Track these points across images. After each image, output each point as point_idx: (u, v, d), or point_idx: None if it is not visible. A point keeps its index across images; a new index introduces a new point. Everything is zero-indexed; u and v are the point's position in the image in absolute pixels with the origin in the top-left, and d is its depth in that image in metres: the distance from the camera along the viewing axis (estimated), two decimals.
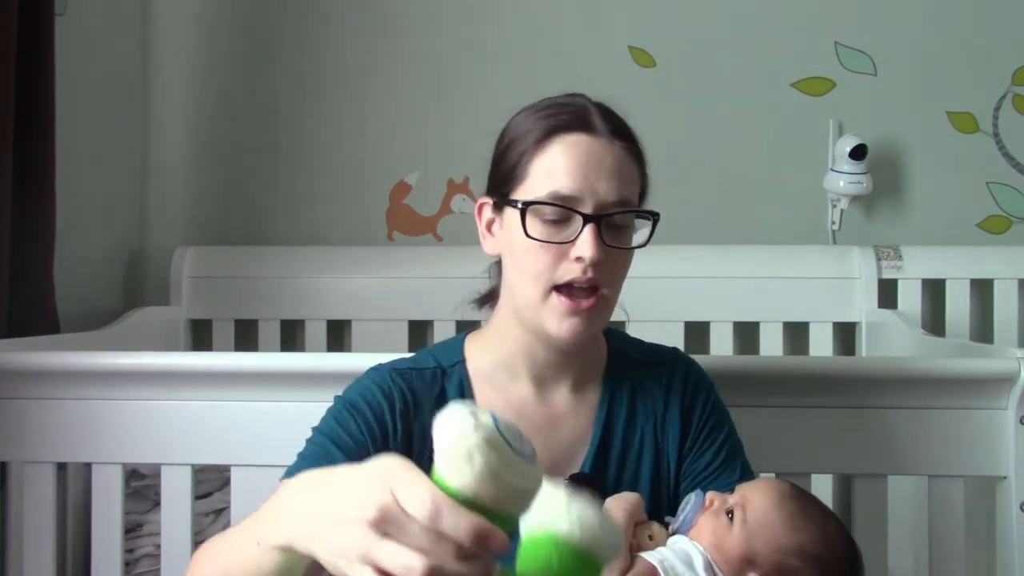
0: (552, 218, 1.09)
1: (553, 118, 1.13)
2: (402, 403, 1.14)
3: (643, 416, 1.21)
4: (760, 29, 2.37)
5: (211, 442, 1.48)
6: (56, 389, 1.50)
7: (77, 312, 2.06)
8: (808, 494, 1.09)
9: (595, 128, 1.12)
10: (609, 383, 1.21)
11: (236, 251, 2.35)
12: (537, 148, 1.11)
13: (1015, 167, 2.35)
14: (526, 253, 1.11)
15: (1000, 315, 2.23)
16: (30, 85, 1.76)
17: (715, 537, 1.04)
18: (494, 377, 1.19)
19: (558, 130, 1.11)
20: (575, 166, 1.09)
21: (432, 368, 1.19)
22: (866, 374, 1.48)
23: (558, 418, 1.19)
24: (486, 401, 1.17)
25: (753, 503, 1.05)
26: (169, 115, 2.40)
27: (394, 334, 2.25)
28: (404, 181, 2.40)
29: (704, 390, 1.24)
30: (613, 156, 1.11)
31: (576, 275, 1.09)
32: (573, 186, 1.09)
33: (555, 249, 1.09)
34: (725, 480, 1.17)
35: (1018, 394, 1.41)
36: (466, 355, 1.21)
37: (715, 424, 1.22)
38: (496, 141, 1.19)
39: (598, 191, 1.09)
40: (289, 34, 2.40)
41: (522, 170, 1.12)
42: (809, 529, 1.04)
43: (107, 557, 1.50)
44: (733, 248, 2.31)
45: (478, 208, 1.19)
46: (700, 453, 1.20)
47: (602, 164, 1.10)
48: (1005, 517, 1.45)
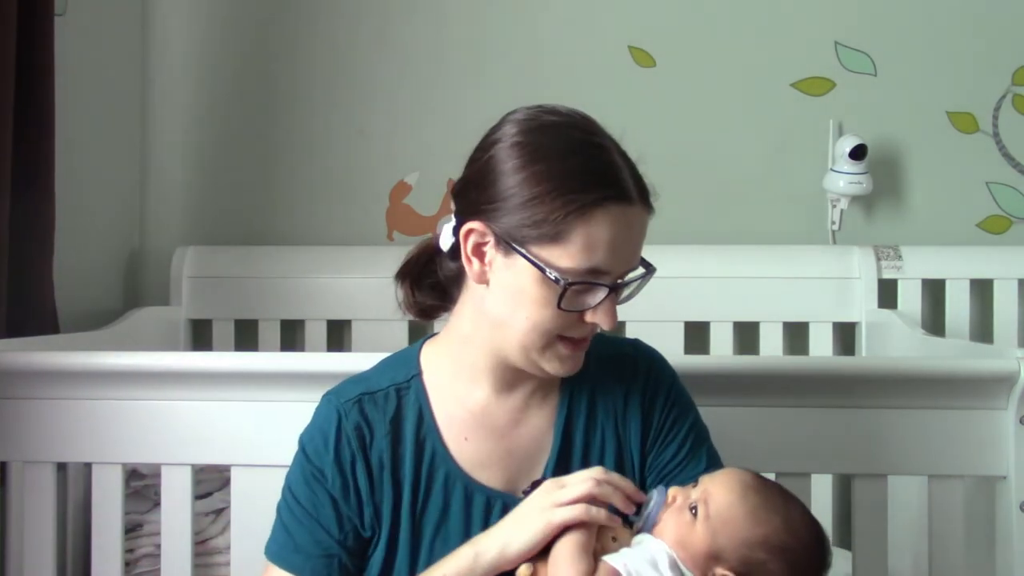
0: (579, 288, 1.07)
1: (600, 187, 1.05)
2: (357, 440, 1.14)
3: (603, 414, 1.19)
4: (760, 29, 2.37)
5: (211, 442, 1.48)
6: (56, 389, 1.50)
7: (77, 312, 2.06)
8: (769, 482, 1.08)
9: (631, 196, 1.07)
10: (568, 384, 1.19)
11: (236, 251, 2.35)
12: (578, 216, 1.04)
13: (1015, 167, 2.35)
14: (542, 310, 1.07)
15: (1000, 315, 2.23)
16: (30, 85, 1.76)
17: (679, 534, 1.03)
18: (453, 386, 1.17)
19: (602, 203, 1.04)
20: (619, 243, 1.06)
21: (385, 389, 1.17)
22: (866, 374, 1.48)
23: (519, 423, 1.17)
24: (446, 412, 1.16)
25: (715, 497, 1.04)
26: (169, 115, 2.41)
27: (394, 334, 2.24)
28: (404, 181, 2.40)
29: (665, 382, 1.22)
30: (642, 225, 1.09)
31: (587, 333, 1.10)
32: (611, 262, 1.06)
33: (574, 313, 1.08)
34: (691, 472, 1.16)
35: (1018, 394, 1.41)
36: (423, 366, 1.19)
37: (678, 415, 1.21)
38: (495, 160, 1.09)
39: (629, 264, 1.09)
40: (289, 34, 2.40)
41: (559, 231, 1.04)
42: (772, 520, 1.03)
43: (107, 557, 1.50)
44: (733, 248, 2.30)
45: (465, 233, 1.09)
46: (664, 446, 1.19)
47: (637, 236, 1.09)
48: (1005, 517, 1.44)
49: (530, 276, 1.06)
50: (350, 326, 2.30)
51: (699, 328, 2.26)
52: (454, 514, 1.14)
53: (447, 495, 1.14)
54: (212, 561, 1.75)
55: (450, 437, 1.16)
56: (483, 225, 1.08)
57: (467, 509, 1.14)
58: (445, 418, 1.17)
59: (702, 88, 2.37)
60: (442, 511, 1.14)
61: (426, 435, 1.15)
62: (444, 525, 1.14)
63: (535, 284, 1.06)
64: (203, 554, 1.74)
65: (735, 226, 2.36)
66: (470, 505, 1.14)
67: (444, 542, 1.13)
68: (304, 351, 2.26)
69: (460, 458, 1.15)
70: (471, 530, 1.13)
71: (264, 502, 1.22)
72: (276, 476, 1.21)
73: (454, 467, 1.15)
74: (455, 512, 1.14)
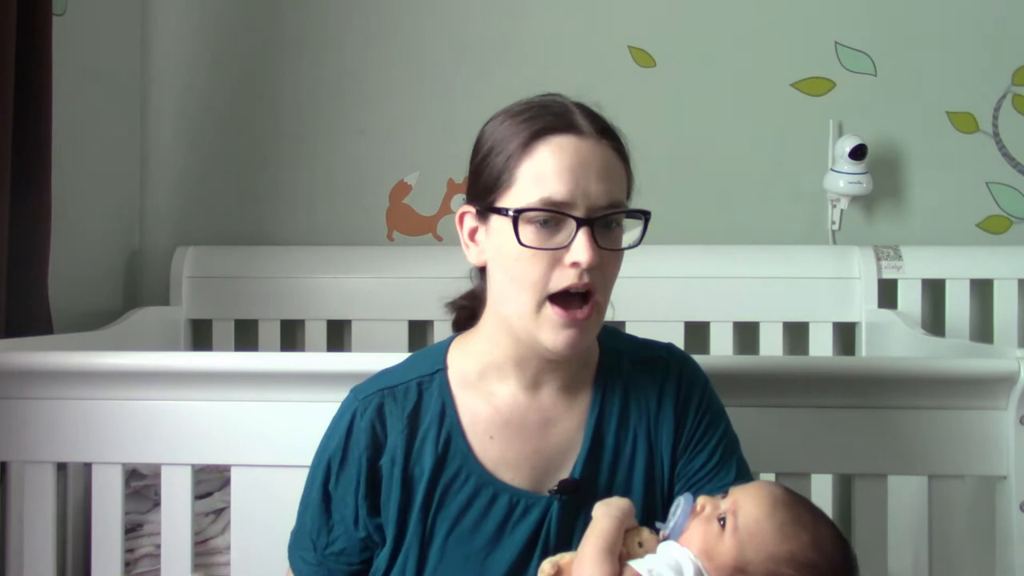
0: (544, 225, 1.06)
1: (537, 120, 1.10)
2: (369, 438, 1.15)
3: (636, 417, 1.18)
4: (760, 29, 2.37)
5: (211, 442, 1.48)
6: (56, 389, 1.50)
7: (77, 312, 2.06)
8: (801, 498, 1.08)
9: (581, 128, 1.09)
10: (600, 384, 1.19)
11: (236, 251, 2.35)
12: (523, 152, 1.08)
13: (1015, 167, 2.35)
14: (518, 262, 1.08)
15: (1000, 315, 2.23)
16: (29, 85, 1.76)
17: (706, 544, 1.03)
18: (481, 383, 1.17)
19: (544, 132, 1.08)
20: (565, 169, 1.06)
21: (407, 383, 1.17)
22: (866, 374, 1.48)
23: (548, 422, 1.16)
24: (471, 409, 1.16)
25: (745, 509, 1.04)
26: (168, 115, 2.40)
27: (394, 334, 2.25)
28: (404, 181, 2.40)
29: (699, 388, 1.22)
30: (602, 156, 1.09)
31: (572, 281, 1.06)
32: (565, 190, 1.06)
33: (548, 256, 1.06)
34: (720, 481, 1.16)
35: (1018, 394, 1.41)
36: (449, 362, 1.19)
37: (710, 423, 1.20)
38: (473, 149, 1.16)
39: (590, 194, 1.06)
40: (289, 34, 2.40)
41: (508, 176, 1.09)
42: (801, 537, 1.02)
43: (107, 557, 1.50)
44: (733, 248, 2.30)
45: (459, 217, 1.16)
46: (695, 454, 1.18)
47: (591, 166, 1.07)
48: (1005, 517, 1.45)
49: (502, 233, 1.09)
50: (350, 326, 2.30)
51: (699, 328, 2.26)
52: (474, 512, 1.13)
53: (467, 494, 1.14)
54: (212, 561, 1.75)
55: (474, 435, 1.15)
56: (467, 206, 1.15)
57: (487, 509, 1.13)
58: (469, 416, 1.16)
59: (702, 88, 2.37)
60: (460, 510, 1.13)
61: (449, 432, 1.15)
62: (461, 522, 1.13)
63: (508, 239, 1.08)
64: (203, 554, 1.74)
65: (735, 226, 2.36)
66: (491, 505, 1.13)
67: (458, 541, 1.13)
68: (304, 351, 2.26)
69: (484, 457, 1.14)
70: (488, 530, 1.13)
71: (264, 502, 1.22)
72: (276, 476, 1.21)
73: (476, 465, 1.14)
74: (474, 511, 1.13)
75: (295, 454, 1.44)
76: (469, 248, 1.16)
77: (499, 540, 1.13)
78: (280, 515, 1.43)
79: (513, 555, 1.13)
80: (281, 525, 1.23)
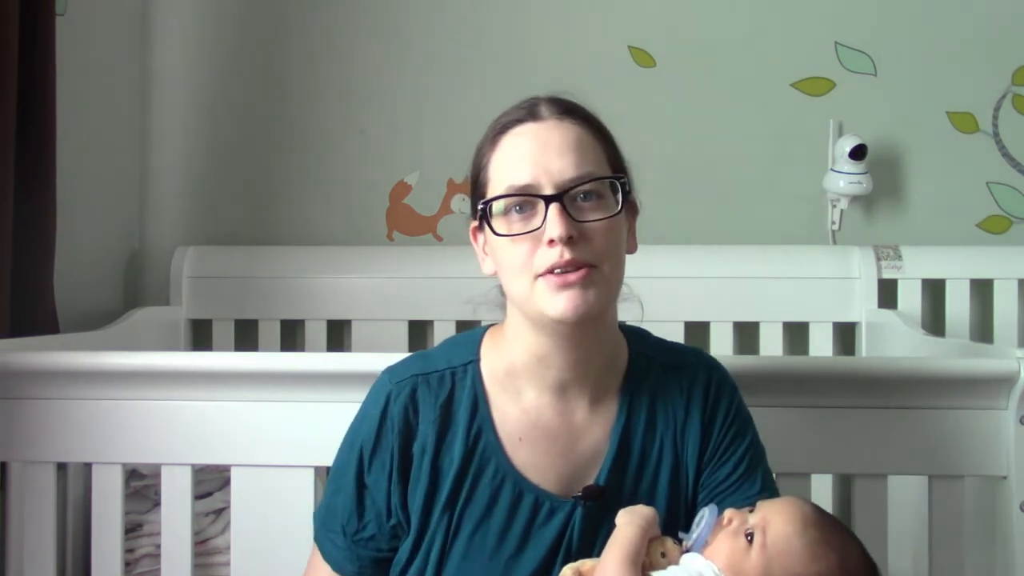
0: (520, 211, 1.08)
1: (503, 118, 1.14)
2: (402, 423, 1.15)
3: (663, 424, 1.17)
4: (760, 29, 2.37)
5: (211, 442, 1.48)
6: (56, 389, 1.50)
7: (77, 312, 2.06)
8: (831, 518, 1.06)
9: (541, 115, 1.12)
10: (627, 390, 1.18)
11: (236, 251, 2.35)
12: (491, 150, 1.13)
13: (1015, 167, 2.35)
14: (505, 252, 1.10)
15: (1000, 315, 2.23)
16: (30, 85, 1.76)
17: (732, 559, 1.01)
18: (510, 383, 1.16)
19: (507, 127, 1.12)
20: (524, 154, 1.09)
21: (441, 371, 1.17)
22: (866, 374, 1.48)
23: (575, 428, 1.15)
24: (500, 408, 1.15)
25: (775, 526, 1.02)
26: (169, 115, 2.41)
27: (394, 334, 2.25)
28: (404, 181, 2.40)
29: (727, 395, 1.21)
30: (562, 134, 1.10)
31: (554, 259, 1.06)
32: (525, 172, 1.08)
33: (529, 240, 1.07)
34: (744, 492, 1.15)
35: (1018, 394, 1.41)
36: (482, 354, 1.19)
37: (737, 432, 1.19)
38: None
39: (552, 171, 1.07)
40: (289, 34, 2.40)
41: (484, 176, 1.13)
42: (830, 557, 1.01)
43: (107, 557, 1.50)
44: (733, 248, 2.30)
45: (472, 233, 1.18)
46: (720, 464, 1.17)
47: (550, 144, 1.09)
48: (1005, 517, 1.45)
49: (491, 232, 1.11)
50: (350, 326, 2.30)
51: (699, 328, 2.26)
52: (499, 510, 1.13)
53: (495, 490, 1.13)
54: (212, 561, 1.75)
55: (504, 433, 1.15)
56: (472, 220, 1.17)
57: (514, 507, 1.13)
58: (500, 414, 1.16)
59: (702, 88, 2.37)
60: (487, 506, 1.13)
61: (480, 426, 1.15)
62: (487, 520, 1.13)
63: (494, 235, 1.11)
64: (203, 554, 1.74)
65: (735, 226, 2.36)
66: (518, 504, 1.13)
67: (484, 537, 1.13)
68: (304, 351, 2.26)
69: (514, 456, 1.14)
70: (514, 529, 1.13)
71: (264, 502, 1.22)
72: (276, 476, 1.21)
73: (506, 463, 1.14)
74: (501, 508, 1.13)
75: (295, 454, 1.44)
76: (484, 261, 1.17)
77: (524, 542, 1.13)
78: (280, 515, 1.43)
79: (537, 558, 1.13)
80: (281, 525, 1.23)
